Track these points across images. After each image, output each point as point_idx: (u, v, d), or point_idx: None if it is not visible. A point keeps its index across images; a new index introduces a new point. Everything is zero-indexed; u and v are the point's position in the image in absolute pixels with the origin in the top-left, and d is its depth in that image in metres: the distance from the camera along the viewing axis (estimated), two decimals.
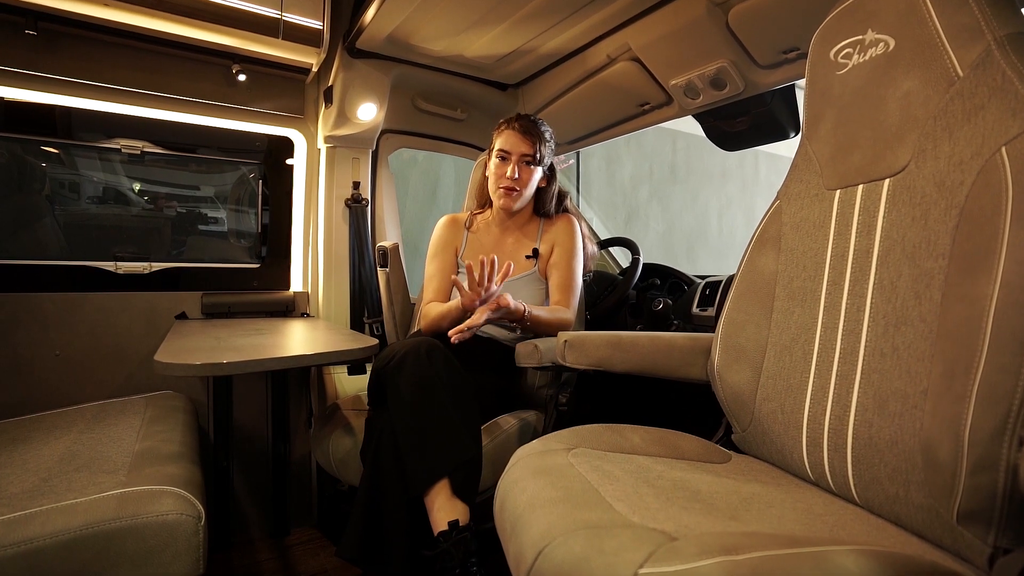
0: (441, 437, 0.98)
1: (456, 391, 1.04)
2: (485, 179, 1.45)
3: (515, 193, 1.35)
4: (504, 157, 1.34)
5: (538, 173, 1.37)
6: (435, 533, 0.94)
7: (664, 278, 1.88)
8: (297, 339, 1.29)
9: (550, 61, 1.68)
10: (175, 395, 1.50)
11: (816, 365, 0.78)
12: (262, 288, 1.87)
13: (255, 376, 1.76)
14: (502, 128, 1.36)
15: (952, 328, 0.60)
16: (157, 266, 1.69)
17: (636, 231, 4.80)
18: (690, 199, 5.20)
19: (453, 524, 0.93)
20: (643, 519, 0.58)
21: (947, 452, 0.57)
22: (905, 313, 0.67)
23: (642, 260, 1.77)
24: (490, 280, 1.13)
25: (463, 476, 0.98)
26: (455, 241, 1.47)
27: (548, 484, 0.68)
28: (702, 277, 1.77)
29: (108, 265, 1.63)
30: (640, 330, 1.71)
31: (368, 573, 1.00)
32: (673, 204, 5.06)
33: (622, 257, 2.33)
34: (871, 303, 0.72)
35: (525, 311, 1.22)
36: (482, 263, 1.11)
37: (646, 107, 1.61)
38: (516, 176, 1.32)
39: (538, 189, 1.42)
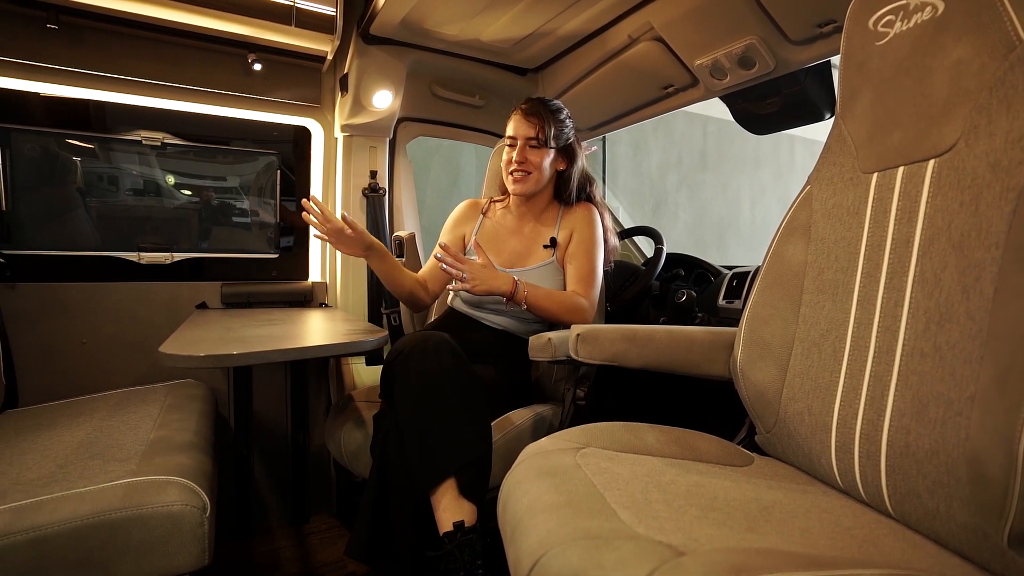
0: (447, 435, 0.95)
1: (464, 387, 1.01)
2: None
3: (525, 176, 1.31)
4: (512, 143, 1.31)
5: (549, 155, 1.32)
6: (440, 533, 0.91)
7: (689, 269, 1.81)
8: (307, 330, 1.28)
9: (569, 44, 1.62)
10: (195, 384, 1.52)
11: (847, 364, 0.72)
12: (281, 278, 1.88)
13: (274, 365, 1.77)
14: (512, 114, 1.33)
15: (1006, 327, 0.53)
16: (178, 256, 1.71)
17: (664, 221, 4.67)
18: (721, 187, 5.03)
19: (458, 525, 0.90)
20: (648, 530, 0.54)
21: (998, 467, 0.50)
22: (950, 309, 0.60)
23: (666, 250, 1.70)
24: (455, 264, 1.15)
25: (470, 475, 0.95)
26: (466, 225, 1.44)
27: (551, 487, 0.65)
28: (729, 268, 1.69)
29: (131, 255, 1.65)
30: (663, 322, 1.66)
31: (376, 572, 0.98)
32: (703, 192, 4.91)
33: (648, 247, 2.25)
34: (910, 297, 0.65)
35: (517, 286, 1.18)
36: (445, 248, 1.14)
37: (670, 89, 1.53)
38: (522, 159, 1.29)
39: (558, 172, 1.37)
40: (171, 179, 1.76)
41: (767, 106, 1.38)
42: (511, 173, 1.32)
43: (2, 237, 1.52)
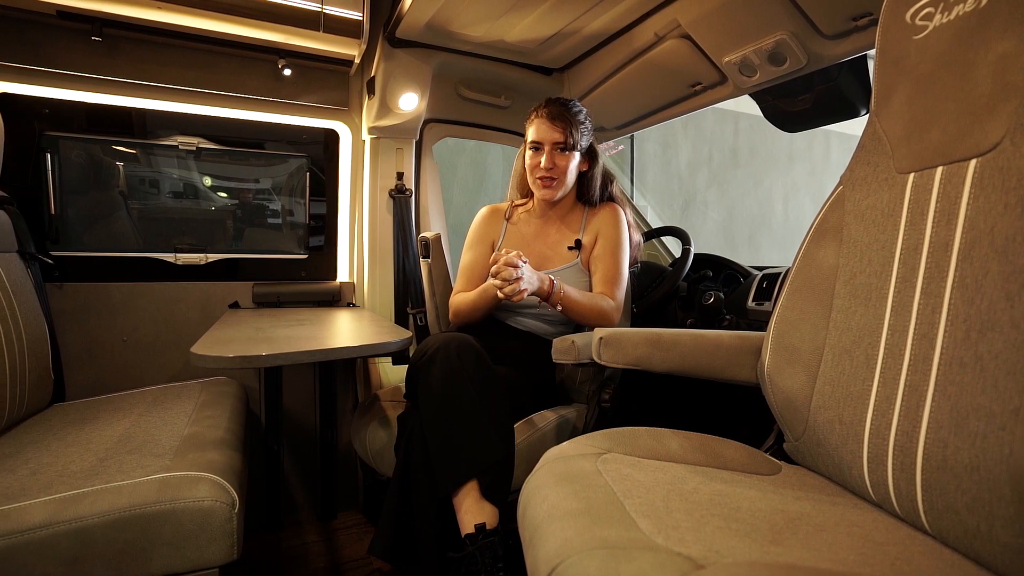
0: (469, 438, 0.96)
1: (486, 390, 1.01)
2: (523, 169, 1.41)
3: (553, 182, 1.30)
4: (537, 148, 1.30)
5: (575, 158, 1.32)
6: (462, 534, 0.92)
7: (718, 269, 1.77)
8: (334, 331, 1.31)
9: (595, 43, 1.60)
10: (228, 381, 1.57)
11: (881, 372, 0.69)
12: (310, 278, 1.92)
13: (303, 364, 1.81)
14: (532, 117, 1.32)
15: None
16: (212, 257, 1.77)
17: (693, 219, 4.59)
18: (753, 184, 4.91)
19: (480, 527, 0.90)
20: (668, 540, 0.53)
21: None
22: (993, 317, 0.57)
23: (693, 250, 1.67)
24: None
25: (492, 478, 0.95)
26: (492, 233, 1.44)
27: (570, 493, 0.64)
28: (759, 268, 1.65)
29: (168, 256, 1.72)
30: (691, 324, 1.63)
31: (399, 570, 0.99)
32: (734, 190, 4.80)
33: (676, 248, 2.22)
34: (949, 304, 0.62)
35: (554, 287, 1.18)
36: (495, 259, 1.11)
37: (698, 87, 1.50)
38: (551, 165, 1.27)
39: (580, 173, 1.36)
40: (208, 180, 1.82)
41: (799, 103, 1.34)
42: (538, 178, 1.31)
43: (51, 239, 1.60)
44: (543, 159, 1.28)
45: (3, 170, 1.33)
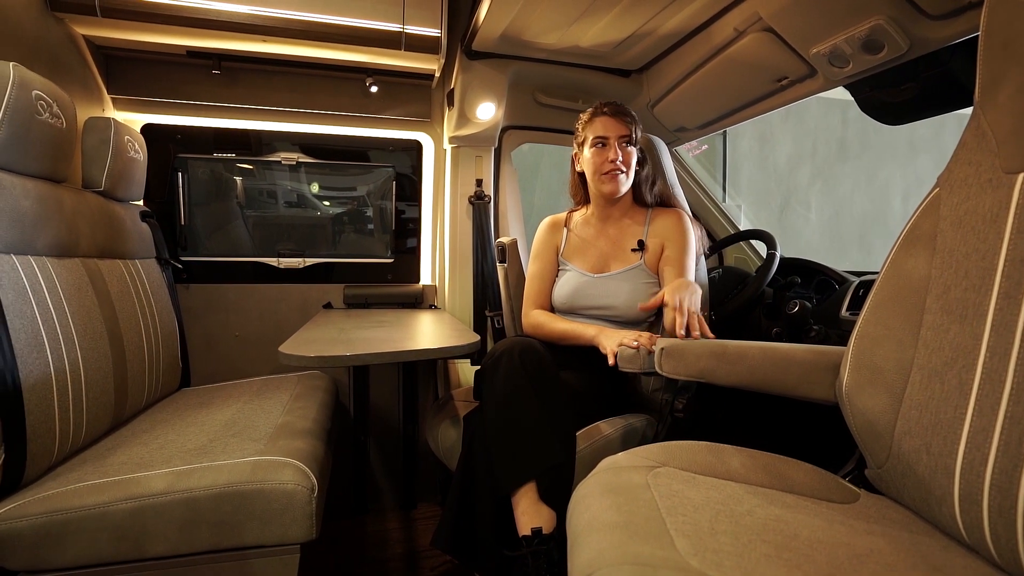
0: (528, 441, 0.98)
1: (549, 395, 1.02)
2: (577, 176, 1.43)
3: (621, 175, 1.32)
4: (603, 143, 1.31)
5: (635, 154, 1.35)
6: (519, 535, 0.94)
7: (809, 275, 1.64)
8: (409, 333, 1.38)
9: (672, 42, 1.55)
10: (321, 375, 1.71)
11: (976, 400, 0.61)
12: (395, 281, 2.05)
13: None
14: (591, 117, 1.34)
15: None
16: (309, 261, 1.95)
17: (794, 219, 4.25)
18: (865, 179, 4.44)
19: (536, 532, 0.92)
20: (704, 563, 0.51)
21: None
22: None
23: (779, 254, 1.56)
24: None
25: (550, 481, 0.96)
26: (554, 241, 1.46)
27: (612, 505, 0.64)
28: (857, 274, 1.50)
29: (272, 261, 1.92)
30: (776, 334, 1.52)
31: (460, 563, 1.04)
32: (842, 186, 4.37)
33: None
34: None
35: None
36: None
37: (784, 82, 1.40)
38: (619, 157, 1.30)
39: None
40: (315, 187, 2.00)
41: (902, 92, 1.20)
42: (606, 172, 1.32)
43: (181, 246, 1.85)
44: (611, 152, 1.30)
45: (147, 188, 1.57)
